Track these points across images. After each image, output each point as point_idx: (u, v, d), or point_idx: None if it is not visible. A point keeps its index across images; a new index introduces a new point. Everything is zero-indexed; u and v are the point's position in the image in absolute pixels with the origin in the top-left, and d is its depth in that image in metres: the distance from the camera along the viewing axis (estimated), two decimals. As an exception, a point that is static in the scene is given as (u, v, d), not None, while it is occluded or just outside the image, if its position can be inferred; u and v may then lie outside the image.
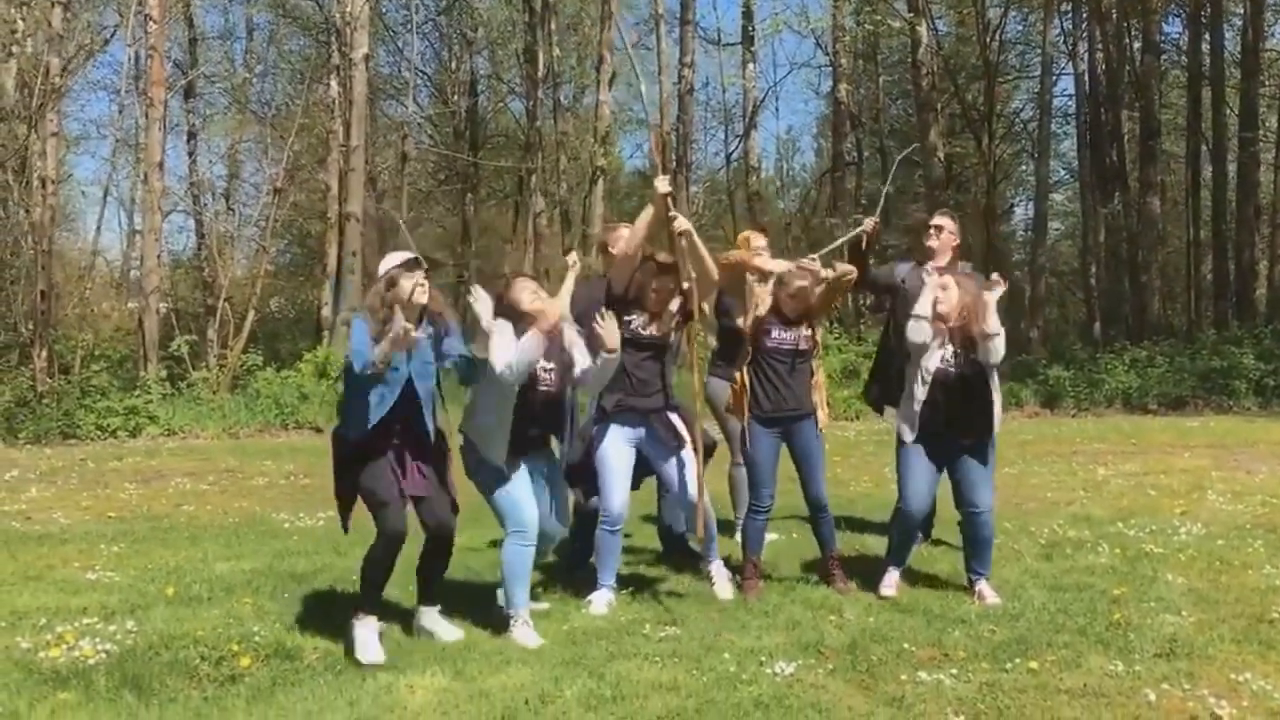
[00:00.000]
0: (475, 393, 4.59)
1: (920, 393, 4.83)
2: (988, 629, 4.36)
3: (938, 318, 4.81)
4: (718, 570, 5.04)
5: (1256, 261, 21.24)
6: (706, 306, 5.24)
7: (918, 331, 4.80)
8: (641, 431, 4.97)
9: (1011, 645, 4.13)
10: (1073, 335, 21.86)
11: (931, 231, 5.88)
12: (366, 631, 4.16)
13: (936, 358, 4.80)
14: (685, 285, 4.83)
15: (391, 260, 4.33)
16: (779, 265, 5.40)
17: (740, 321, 5.21)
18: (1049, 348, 19.80)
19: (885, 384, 5.97)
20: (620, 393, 4.87)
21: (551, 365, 4.54)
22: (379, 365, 4.09)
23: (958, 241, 5.88)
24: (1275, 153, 23.31)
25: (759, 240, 5.92)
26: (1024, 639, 4.20)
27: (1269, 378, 16.31)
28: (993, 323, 4.70)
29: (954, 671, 3.86)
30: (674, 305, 4.92)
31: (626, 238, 4.94)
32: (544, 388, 4.53)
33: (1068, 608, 4.63)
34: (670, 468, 4.99)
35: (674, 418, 5.02)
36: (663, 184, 4.76)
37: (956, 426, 4.82)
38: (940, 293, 4.82)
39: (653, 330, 4.91)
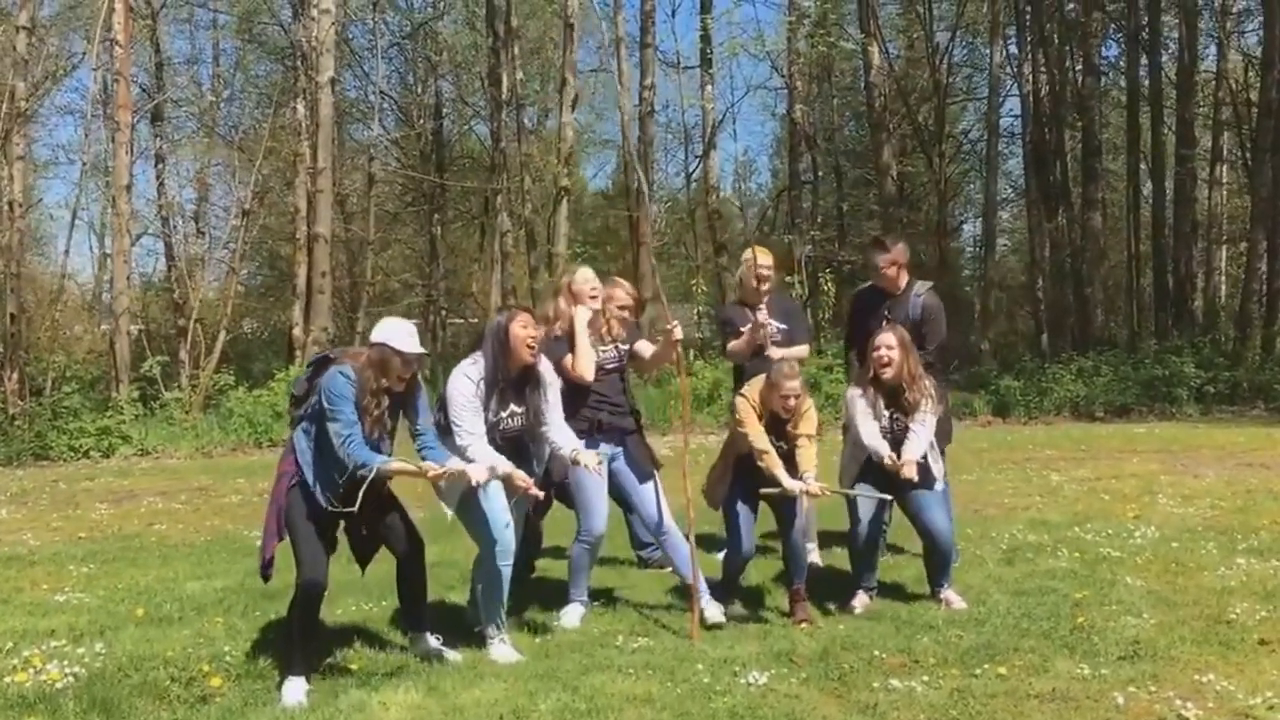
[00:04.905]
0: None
1: (861, 454, 5.03)
2: (955, 634, 4.41)
3: (876, 383, 4.97)
4: (708, 602, 4.83)
5: (1194, 274, 21.87)
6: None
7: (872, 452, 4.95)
8: (620, 451, 4.99)
9: (979, 650, 4.19)
10: (1021, 347, 22.27)
11: (880, 272, 5.67)
12: (293, 688, 3.95)
13: (874, 427, 4.95)
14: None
15: (393, 334, 4.11)
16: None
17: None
18: (999, 359, 20.18)
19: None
20: (596, 413, 4.96)
21: (520, 409, 4.51)
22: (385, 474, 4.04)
23: (905, 260, 5.69)
24: (1210, 170, 24.02)
25: (766, 258, 5.83)
26: (991, 644, 4.26)
27: (1209, 385, 16.83)
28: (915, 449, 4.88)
29: (925, 678, 3.90)
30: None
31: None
32: (509, 429, 4.50)
33: (1031, 612, 4.70)
34: (645, 497, 4.97)
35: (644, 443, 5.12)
36: (677, 330, 4.90)
37: (898, 483, 4.91)
38: (885, 352, 4.93)
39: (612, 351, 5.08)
